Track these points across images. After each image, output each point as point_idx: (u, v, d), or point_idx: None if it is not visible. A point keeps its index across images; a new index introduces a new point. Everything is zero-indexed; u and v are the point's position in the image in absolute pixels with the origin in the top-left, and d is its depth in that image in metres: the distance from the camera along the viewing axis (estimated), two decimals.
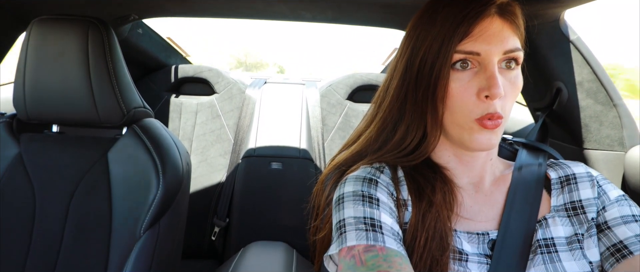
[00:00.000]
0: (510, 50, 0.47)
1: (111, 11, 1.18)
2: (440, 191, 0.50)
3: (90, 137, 0.92)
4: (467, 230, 0.51)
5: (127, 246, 0.82)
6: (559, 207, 0.52)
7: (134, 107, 0.91)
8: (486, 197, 0.54)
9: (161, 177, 0.85)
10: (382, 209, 0.48)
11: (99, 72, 0.84)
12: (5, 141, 0.89)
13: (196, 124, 1.68)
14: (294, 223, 1.46)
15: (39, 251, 0.84)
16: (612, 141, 0.84)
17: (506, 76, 0.48)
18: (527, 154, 0.60)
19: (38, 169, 0.87)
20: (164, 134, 0.93)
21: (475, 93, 0.47)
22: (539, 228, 0.50)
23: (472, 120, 0.48)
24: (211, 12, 1.21)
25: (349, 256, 0.44)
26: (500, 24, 0.48)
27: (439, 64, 0.47)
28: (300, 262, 1.25)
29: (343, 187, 0.52)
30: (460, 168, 0.55)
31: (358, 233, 0.45)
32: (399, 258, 0.43)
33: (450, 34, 0.47)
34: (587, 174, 0.53)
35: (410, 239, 0.48)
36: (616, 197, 0.51)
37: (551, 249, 0.48)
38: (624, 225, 0.48)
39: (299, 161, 1.54)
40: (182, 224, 0.97)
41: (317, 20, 1.23)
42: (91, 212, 0.85)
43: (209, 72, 1.73)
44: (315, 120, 1.66)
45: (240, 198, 1.50)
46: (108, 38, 0.85)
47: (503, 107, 0.48)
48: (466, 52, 0.47)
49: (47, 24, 0.83)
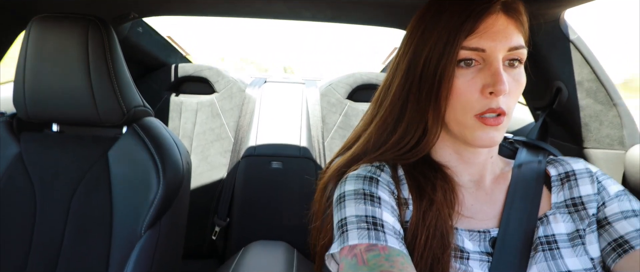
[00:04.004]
0: (514, 47, 0.47)
1: (111, 10, 1.17)
2: (440, 189, 0.50)
3: (90, 137, 0.92)
4: (468, 228, 0.51)
5: (128, 246, 0.82)
6: (560, 204, 0.52)
7: (134, 106, 0.90)
8: (487, 195, 0.54)
9: (161, 176, 0.85)
10: (384, 207, 0.48)
11: (99, 71, 0.84)
12: (6, 140, 0.89)
13: (196, 123, 1.68)
14: (294, 222, 1.46)
15: (40, 251, 0.84)
16: (612, 140, 0.84)
17: (510, 73, 0.48)
18: (527, 152, 0.60)
19: (38, 169, 0.87)
20: (164, 133, 0.93)
21: (480, 89, 0.47)
22: (540, 225, 0.50)
23: (472, 117, 0.48)
24: (211, 11, 1.21)
25: (350, 255, 0.44)
26: (505, 21, 0.48)
27: (445, 61, 0.47)
28: (301, 261, 1.25)
29: (344, 186, 0.52)
30: (461, 166, 0.55)
31: (360, 232, 0.45)
32: (401, 257, 0.43)
33: (456, 31, 0.46)
34: (586, 170, 0.53)
35: (411, 237, 0.48)
36: (616, 192, 0.51)
37: (553, 246, 0.48)
38: (625, 220, 0.48)
39: (299, 160, 1.54)
40: (182, 224, 0.97)
41: (316, 19, 1.23)
42: (92, 212, 0.85)
43: (209, 71, 1.73)
44: (316, 120, 1.66)
45: (241, 197, 1.50)
46: (108, 37, 0.85)
47: (507, 104, 0.48)
48: (471, 48, 0.47)
49: (46, 23, 0.82)
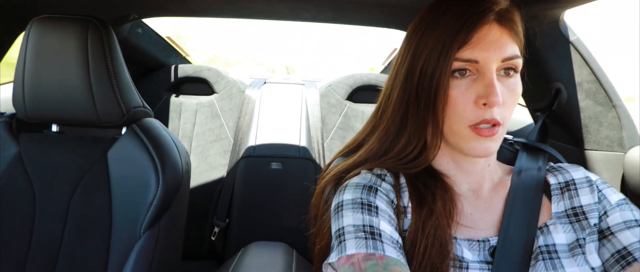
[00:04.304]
0: (508, 57, 0.47)
1: (111, 11, 1.17)
2: (440, 199, 0.50)
3: (89, 137, 0.92)
4: (468, 237, 0.50)
5: (127, 246, 0.82)
6: (560, 214, 0.52)
7: (134, 107, 0.90)
8: (485, 204, 0.54)
9: (161, 177, 0.85)
10: (382, 217, 0.48)
11: (99, 72, 0.84)
12: (5, 141, 0.89)
13: (196, 123, 1.68)
14: (293, 223, 1.46)
15: (39, 251, 0.84)
16: (611, 142, 0.84)
17: (505, 83, 0.48)
18: (527, 157, 0.60)
19: (38, 169, 0.87)
20: (163, 134, 0.93)
21: (473, 100, 0.47)
22: (540, 235, 0.50)
23: (466, 128, 0.48)
24: (211, 12, 1.21)
25: (348, 264, 0.43)
26: (498, 31, 0.47)
27: (439, 72, 0.47)
28: (300, 262, 1.25)
29: (342, 195, 0.51)
30: (459, 175, 0.55)
31: (357, 241, 0.45)
32: (398, 267, 0.42)
33: (449, 42, 0.46)
34: (586, 179, 0.53)
35: (410, 246, 0.48)
36: (617, 201, 0.50)
37: (553, 256, 0.48)
38: (628, 230, 0.47)
39: (299, 161, 1.54)
40: (181, 224, 0.97)
41: (316, 20, 1.23)
42: (91, 212, 0.85)
43: (208, 72, 1.73)
44: (315, 120, 1.66)
45: (240, 198, 1.49)
46: (108, 37, 0.85)
47: (502, 114, 0.47)
48: (464, 59, 0.46)
49: (46, 23, 0.82)
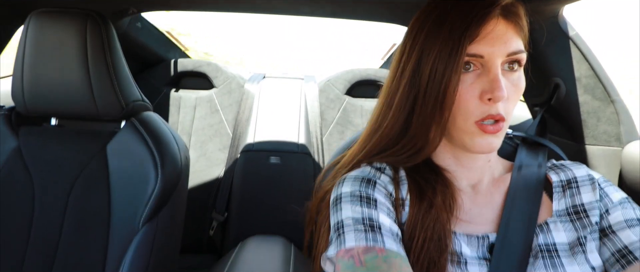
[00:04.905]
0: (513, 52, 0.46)
1: (110, 4, 1.17)
2: (440, 193, 0.50)
3: (89, 131, 0.92)
4: (467, 232, 0.50)
5: (126, 239, 0.83)
6: (561, 212, 0.51)
7: (133, 101, 0.91)
8: (485, 199, 0.53)
9: (160, 170, 0.85)
10: (380, 209, 0.48)
11: (98, 66, 0.84)
12: (4, 134, 0.89)
13: (195, 118, 1.68)
14: (292, 217, 1.47)
15: (38, 244, 0.84)
16: (609, 137, 0.84)
17: (509, 78, 0.47)
18: (527, 152, 0.59)
19: (37, 163, 0.87)
20: (162, 128, 0.93)
21: (478, 95, 0.46)
22: (540, 233, 0.49)
23: (472, 123, 0.47)
24: (210, 6, 1.20)
25: (347, 257, 0.43)
26: (504, 25, 0.47)
27: (450, 70, 0.46)
28: (298, 256, 1.25)
29: (340, 188, 0.51)
30: (460, 170, 0.54)
31: (357, 234, 0.45)
32: (398, 259, 0.43)
33: (459, 39, 0.45)
34: (588, 177, 0.52)
35: (408, 238, 0.48)
36: (619, 199, 0.50)
37: (553, 254, 0.48)
38: (629, 229, 0.47)
39: (298, 156, 1.54)
40: (180, 218, 0.97)
41: (315, 14, 1.22)
42: (90, 206, 0.85)
43: (207, 67, 1.73)
44: (314, 115, 1.66)
45: (239, 192, 1.50)
46: (107, 31, 0.85)
47: (505, 109, 0.47)
48: (470, 55, 0.46)
49: (45, 17, 0.82)
